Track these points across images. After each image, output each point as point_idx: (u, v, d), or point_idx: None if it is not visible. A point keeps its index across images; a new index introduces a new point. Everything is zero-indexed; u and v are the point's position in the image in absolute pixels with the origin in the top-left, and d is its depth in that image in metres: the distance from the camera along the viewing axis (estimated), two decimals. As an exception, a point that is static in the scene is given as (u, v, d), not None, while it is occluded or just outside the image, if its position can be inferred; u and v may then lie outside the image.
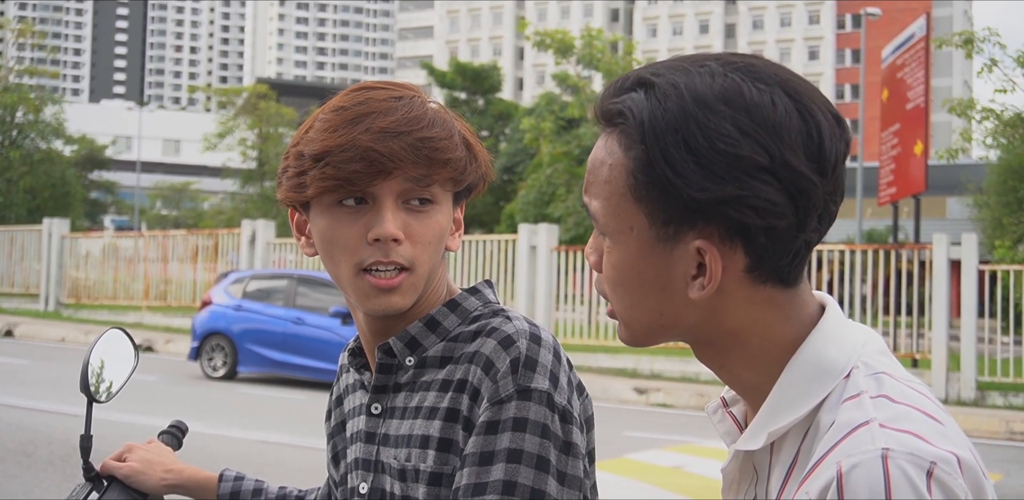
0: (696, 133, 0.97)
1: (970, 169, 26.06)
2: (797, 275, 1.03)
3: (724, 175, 0.96)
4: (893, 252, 14.14)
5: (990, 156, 22.84)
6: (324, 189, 1.34)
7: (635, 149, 1.00)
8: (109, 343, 1.63)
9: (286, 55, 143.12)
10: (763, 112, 0.98)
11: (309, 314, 13.52)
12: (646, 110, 1.00)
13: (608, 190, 1.04)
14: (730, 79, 0.99)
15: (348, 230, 1.35)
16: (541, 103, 35.01)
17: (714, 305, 1.02)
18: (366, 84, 1.42)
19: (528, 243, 16.19)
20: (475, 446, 1.28)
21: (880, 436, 0.92)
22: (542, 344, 1.33)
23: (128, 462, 1.59)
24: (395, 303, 1.36)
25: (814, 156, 0.98)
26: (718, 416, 1.15)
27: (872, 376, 1.00)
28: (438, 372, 1.37)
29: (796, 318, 1.04)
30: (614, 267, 1.05)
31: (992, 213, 21.08)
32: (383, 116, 1.34)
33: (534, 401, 1.28)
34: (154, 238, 22.44)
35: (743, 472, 1.09)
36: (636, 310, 1.06)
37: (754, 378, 1.05)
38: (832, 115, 1.01)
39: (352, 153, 1.32)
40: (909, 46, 17.41)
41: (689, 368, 14.80)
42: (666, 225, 1.00)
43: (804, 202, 0.98)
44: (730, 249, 1.00)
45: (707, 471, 8.01)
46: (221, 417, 10.12)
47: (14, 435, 8.61)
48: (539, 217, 29.23)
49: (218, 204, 54.34)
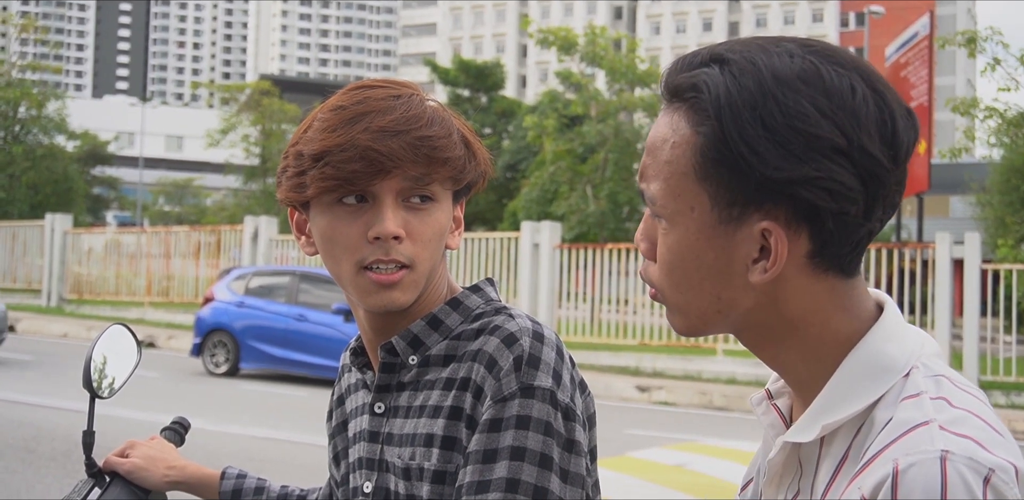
0: (774, 111, 0.96)
1: (973, 168, 26.04)
2: (856, 265, 1.02)
3: (801, 155, 0.95)
4: (896, 251, 14.12)
5: (993, 155, 22.81)
6: (324, 189, 1.33)
7: (707, 125, 0.98)
8: (111, 339, 1.63)
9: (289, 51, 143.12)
10: (842, 95, 0.96)
11: (311, 311, 13.52)
12: (722, 85, 0.98)
13: (669, 170, 1.01)
14: (808, 61, 0.98)
15: (349, 228, 1.35)
16: (544, 101, 34.98)
17: (774, 291, 1.00)
18: (365, 83, 1.41)
19: (531, 241, 16.19)
20: (478, 444, 1.28)
21: (940, 438, 0.91)
22: (545, 342, 1.32)
23: (131, 458, 1.59)
24: (396, 299, 1.36)
25: (888, 143, 0.97)
26: (763, 408, 1.13)
27: (932, 378, 0.99)
28: (441, 370, 1.37)
29: (855, 312, 1.02)
30: (671, 250, 1.03)
31: (995, 212, 21.05)
32: (382, 115, 1.33)
33: (537, 399, 1.28)
34: (157, 234, 22.46)
35: (787, 466, 1.07)
36: (693, 294, 1.03)
37: (808, 370, 1.03)
38: (904, 106, 1.00)
39: (351, 153, 1.31)
40: (913, 45, 17.40)
41: (691, 366, 14.80)
42: (731, 206, 0.98)
43: (876, 188, 0.97)
44: (796, 233, 0.98)
45: (709, 469, 8.01)
46: (223, 414, 10.12)
47: (16, 431, 8.62)
48: (542, 215, 29.23)
49: (221, 200, 54.35)
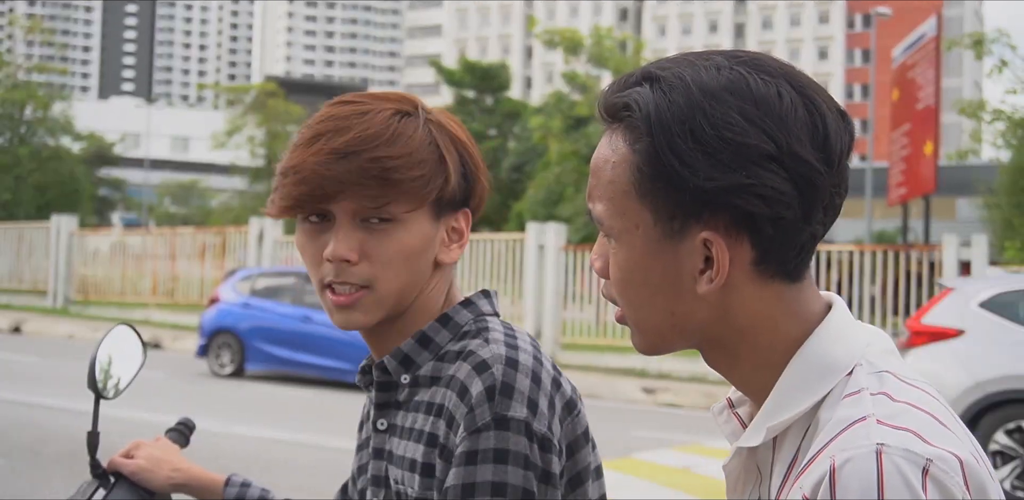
0: (703, 123, 0.97)
1: (980, 170, 25.98)
2: (802, 270, 1.03)
3: (731, 164, 0.96)
4: (903, 253, 14.10)
5: (1000, 157, 22.78)
6: (281, 208, 1.35)
7: (641, 142, 1.00)
8: (117, 340, 1.63)
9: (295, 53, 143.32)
10: (769, 102, 0.98)
11: (317, 312, 13.50)
12: (651, 102, 1.00)
13: (612, 190, 1.03)
14: (736, 72, 0.99)
15: (312, 245, 1.35)
16: (550, 102, 35.02)
17: (724, 302, 1.01)
18: (343, 98, 1.40)
19: (536, 242, 16.18)
20: (456, 478, 1.25)
21: (876, 432, 0.91)
22: (520, 368, 1.28)
23: (135, 459, 1.58)
24: (355, 320, 1.35)
25: (820, 147, 0.98)
26: (724, 416, 1.14)
27: (874, 374, 0.99)
28: (426, 393, 1.35)
29: (803, 315, 1.03)
30: (621, 268, 1.04)
31: (1002, 214, 21.03)
32: (337, 136, 1.32)
33: (513, 430, 1.24)
34: (162, 235, 22.51)
35: (747, 471, 1.08)
36: (647, 311, 1.04)
37: (762, 377, 1.04)
38: (836, 109, 1.01)
39: (300, 176, 1.31)
40: (920, 46, 17.36)
41: (698, 368, 14.77)
42: (672, 220, 1.00)
43: (810, 192, 0.98)
44: (736, 241, 0.99)
45: (715, 471, 7.99)
46: (228, 415, 10.12)
47: (22, 432, 8.63)
48: (547, 216, 29.23)
49: (226, 201, 54.38)
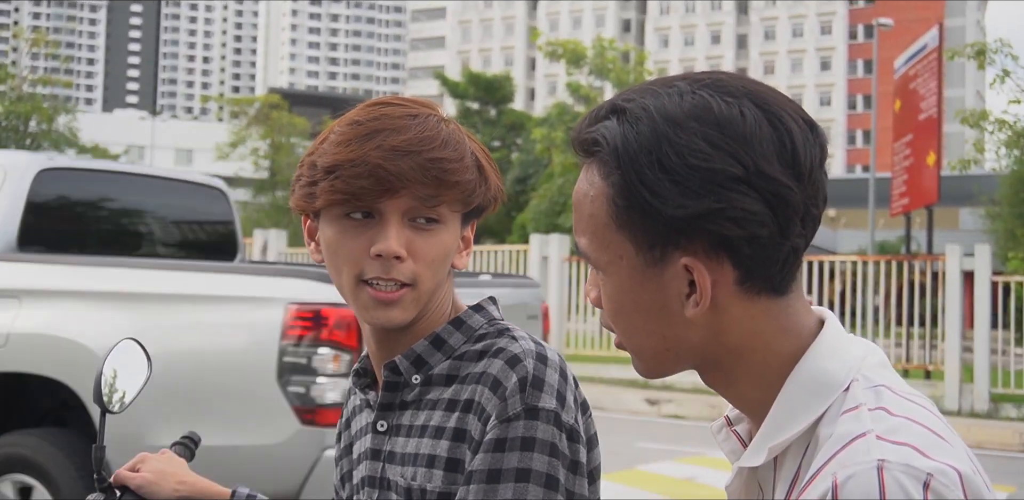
0: (668, 152, 0.98)
1: (983, 180, 25.97)
2: (789, 283, 1.03)
3: (700, 190, 0.97)
4: (906, 263, 14.09)
5: (1003, 167, 22.78)
6: (332, 201, 1.35)
7: (613, 175, 1.01)
8: (122, 354, 1.64)
9: (298, 65, 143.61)
10: (732, 124, 0.98)
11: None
12: (619, 135, 1.01)
13: (593, 223, 1.04)
14: (698, 96, 1.00)
15: (353, 242, 1.36)
16: (553, 113, 35.01)
17: (713, 323, 1.03)
18: (384, 99, 1.42)
19: (539, 253, 16.18)
20: (482, 463, 1.28)
21: (876, 447, 0.92)
22: (548, 364, 1.33)
23: (141, 472, 1.59)
24: (395, 317, 1.37)
25: (788, 162, 0.99)
26: (723, 435, 1.15)
27: (871, 389, 1.00)
28: (444, 391, 1.37)
29: (794, 330, 1.04)
30: (611, 298, 1.06)
31: (1005, 224, 21.02)
32: (396, 134, 1.34)
33: (542, 420, 1.28)
34: (166, 247, 22.48)
35: (749, 490, 1.09)
36: (641, 338, 1.06)
37: (759, 395, 1.05)
38: (804, 121, 1.02)
39: (361, 169, 1.32)
40: (922, 57, 17.37)
41: (701, 379, 14.75)
42: (652, 249, 1.01)
43: (783, 208, 0.98)
44: (717, 263, 1.00)
45: (720, 482, 7.98)
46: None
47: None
48: (551, 227, 29.20)
49: (230, 213, 54.38)
